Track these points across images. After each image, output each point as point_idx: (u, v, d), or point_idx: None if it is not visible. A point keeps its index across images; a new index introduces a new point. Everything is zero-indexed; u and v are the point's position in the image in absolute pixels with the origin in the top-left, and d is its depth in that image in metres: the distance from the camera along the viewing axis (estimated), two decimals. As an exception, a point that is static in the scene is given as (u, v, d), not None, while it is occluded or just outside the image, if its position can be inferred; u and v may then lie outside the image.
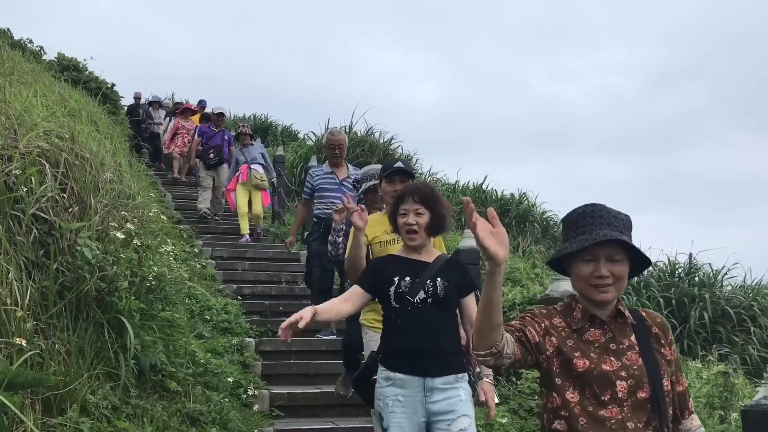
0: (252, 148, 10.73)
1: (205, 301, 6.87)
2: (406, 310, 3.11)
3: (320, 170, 6.92)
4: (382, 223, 3.88)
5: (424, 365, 3.09)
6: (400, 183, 3.87)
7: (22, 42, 13.60)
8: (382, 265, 3.25)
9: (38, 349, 3.25)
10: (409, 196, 3.21)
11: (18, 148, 3.98)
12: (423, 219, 3.20)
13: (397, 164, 3.97)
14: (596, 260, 2.02)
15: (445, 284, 3.14)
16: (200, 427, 4.28)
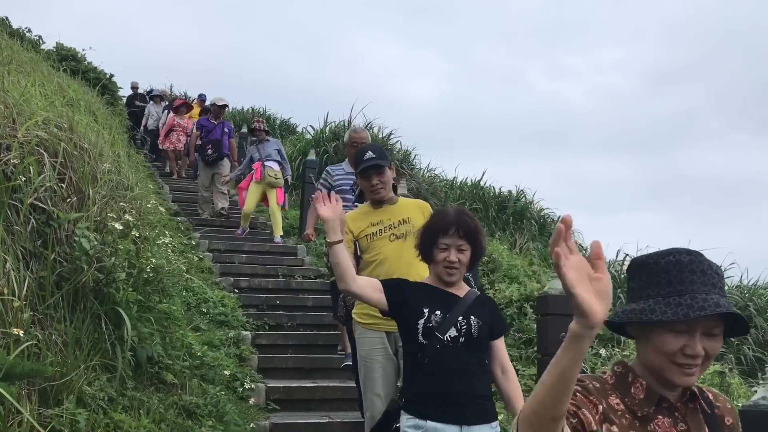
0: (267, 144, 10.28)
1: (202, 294, 6.86)
2: (435, 348, 2.79)
3: (340, 169, 6.25)
4: (366, 215, 3.77)
5: (461, 412, 2.77)
6: (377, 176, 3.71)
7: (21, 31, 13.52)
8: (411, 291, 2.94)
9: (35, 339, 3.23)
10: (453, 230, 2.87)
11: (16, 137, 3.95)
12: (465, 256, 2.89)
13: (367, 155, 3.73)
14: (691, 333, 1.47)
15: (480, 323, 2.85)
16: (196, 420, 4.27)
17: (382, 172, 3.72)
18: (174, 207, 10.79)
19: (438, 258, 2.89)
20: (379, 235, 3.69)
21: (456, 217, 2.91)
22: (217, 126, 11.09)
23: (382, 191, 3.75)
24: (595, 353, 6.26)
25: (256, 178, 10.02)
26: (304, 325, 7.43)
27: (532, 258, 11.23)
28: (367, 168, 3.70)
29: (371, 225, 3.71)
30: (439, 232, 2.88)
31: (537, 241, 13.51)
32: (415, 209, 3.82)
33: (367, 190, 3.77)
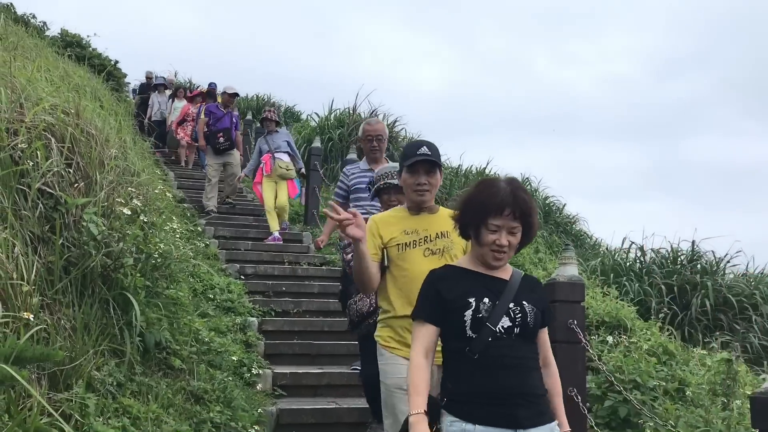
0: (276, 135, 9.79)
1: (209, 280, 6.87)
2: (486, 341, 2.44)
3: (356, 167, 5.80)
4: (400, 221, 3.32)
5: (516, 413, 2.42)
6: (426, 175, 3.28)
7: (26, 17, 13.49)
8: (449, 282, 2.56)
9: (44, 324, 3.23)
10: (509, 210, 2.47)
11: (24, 122, 3.95)
12: (516, 238, 2.53)
13: (422, 150, 3.29)
14: None
15: (534, 310, 2.53)
16: (204, 405, 4.28)
17: (433, 172, 3.30)
18: (180, 194, 10.79)
19: (486, 240, 2.51)
20: (413, 247, 3.25)
21: (512, 195, 2.49)
22: (226, 115, 10.63)
23: (428, 194, 3.30)
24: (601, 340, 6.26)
25: (266, 171, 9.61)
26: (310, 312, 7.44)
27: (537, 245, 11.22)
28: (417, 162, 3.27)
29: (404, 233, 3.28)
30: (490, 212, 2.49)
31: (542, 229, 13.50)
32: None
33: (409, 189, 3.31)
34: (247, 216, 11.07)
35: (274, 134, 9.78)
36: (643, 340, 6.15)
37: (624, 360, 5.29)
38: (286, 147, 9.73)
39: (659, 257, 11.64)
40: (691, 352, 6.51)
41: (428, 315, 2.53)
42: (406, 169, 3.30)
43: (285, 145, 9.72)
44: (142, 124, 14.56)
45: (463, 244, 3.18)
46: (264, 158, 9.67)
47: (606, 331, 6.55)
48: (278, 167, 9.53)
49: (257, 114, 17.34)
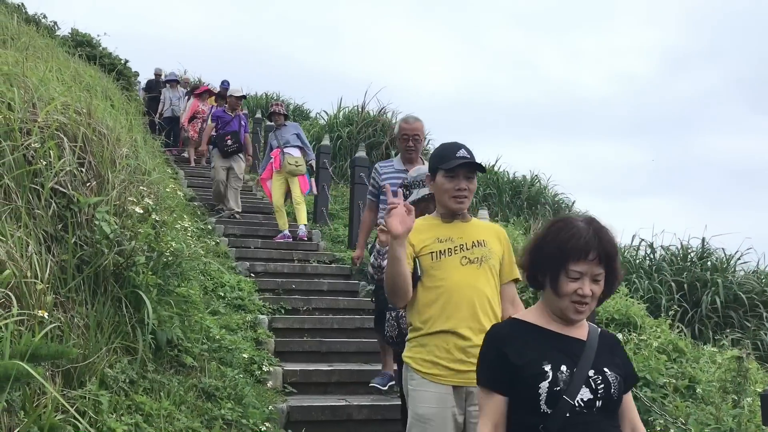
0: (285, 129, 9.60)
1: (219, 278, 6.91)
2: (564, 417, 2.06)
3: (390, 166, 5.44)
4: (432, 228, 3.06)
5: None
6: (465, 180, 3.01)
7: (36, 17, 13.56)
8: (517, 343, 2.17)
9: (58, 322, 3.27)
10: (594, 254, 2.10)
11: (37, 122, 3.98)
12: (599, 287, 2.15)
13: (461, 153, 3.02)
14: None
15: (617, 378, 2.16)
16: (216, 402, 4.31)
17: (473, 177, 3.05)
18: (190, 192, 10.84)
19: (566, 289, 2.12)
20: (448, 255, 2.98)
21: (596, 236, 2.12)
22: (234, 118, 10.45)
23: (466, 201, 3.05)
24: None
25: (276, 167, 9.41)
26: (320, 309, 7.47)
27: (546, 243, 11.20)
28: (458, 167, 2.99)
29: (438, 241, 3.01)
30: (570, 257, 2.10)
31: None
32: (490, 233, 3.12)
33: (446, 195, 3.02)
34: (256, 214, 11.11)
35: (282, 128, 9.64)
36: (653, 337, 6.14)
37: (634, 357, 5.29)
38: (295, 141, 9.55)
39: (669, 254, 11.63)
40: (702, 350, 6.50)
41: (494, 383, 2.15)
42: (444, 173, 3.00)
43: (294, 139, 9.55)
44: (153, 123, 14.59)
45: (500, 254, 3.05)
46: (273, 153, 9.51)
47: (616, 329, 6.54)
48: (287, 163, 9.32)
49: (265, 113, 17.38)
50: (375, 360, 6.41)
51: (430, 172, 3.11)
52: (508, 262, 3.08)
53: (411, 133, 5.27)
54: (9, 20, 8.81)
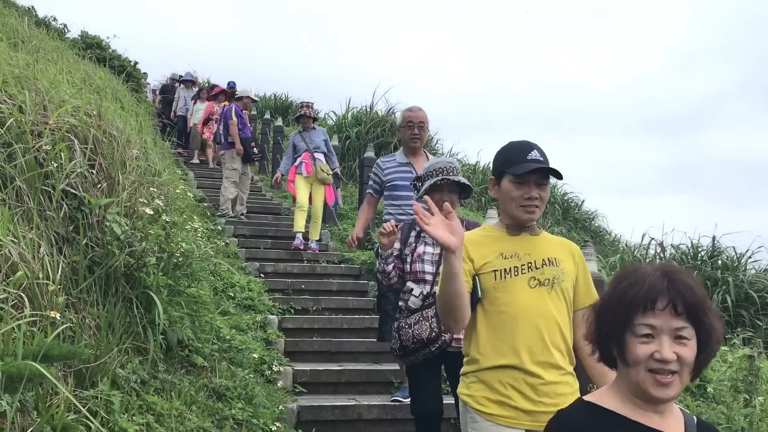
0: (314, 132, 9.12)
1: (229, 278, 6.94)
2: None
3: (392, 160, 5.17)
4: (494, 242, 2.62)
5: None
6: (537, 188, 2.57)
7: (47, 20, 13.64)
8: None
9: (70, 322, 3.29)
10: (664, 301, 1.59)
11: (48, 124, 4.01)
12: (688, 350, 1.59)
13: (533, 155, 2.57)
14: None
15: None
16: (226, 402, 4.33)
17: (545, 183, 2.61)
18: (199, 193, 10.89)
19: (636, 354, 1.60)
20: (514, 275, 2.55)
21: (664, 278, 1.63)
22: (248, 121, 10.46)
23: (537, 211, 2.61)
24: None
25: (307, 172, 8.83)
26: (329, 309, 7.49)
27: (556, 242, 11.18)
28: (529, 173, 2.55)
29: (502, 257, 2.57)
30: (633, 307, 1.61)
31: (561, 225, 13.46)
32: (563, 250, 2.68)
33: (514, 203, 2.58)
34: (266, 215, 11.15)
35: (311, 131, 9.14)
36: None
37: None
38: (323, 147, 9.07)
39: (679, 253, 11.59)
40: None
41: None
42: (511, 178, 2.57)
43: (323, 145, 9.06)
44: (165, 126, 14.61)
45: (574, 275, 2.62)
46: (304, 157, 8.91)
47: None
48: (320, 170, 8.83)
49: (275, 113, 17.43)
50: (385, 360, 6.42)
51: (494, 175, 2.67)
52: (583, 285, 2.63)
53: (416, 120, 5.08)
54: (20, 23, 8.88)
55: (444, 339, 3.72)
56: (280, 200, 12.12)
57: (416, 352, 3.76)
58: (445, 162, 3.92)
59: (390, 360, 6.44)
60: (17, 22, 8.86)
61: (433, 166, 3.87)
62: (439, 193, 3.75)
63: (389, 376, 6.04)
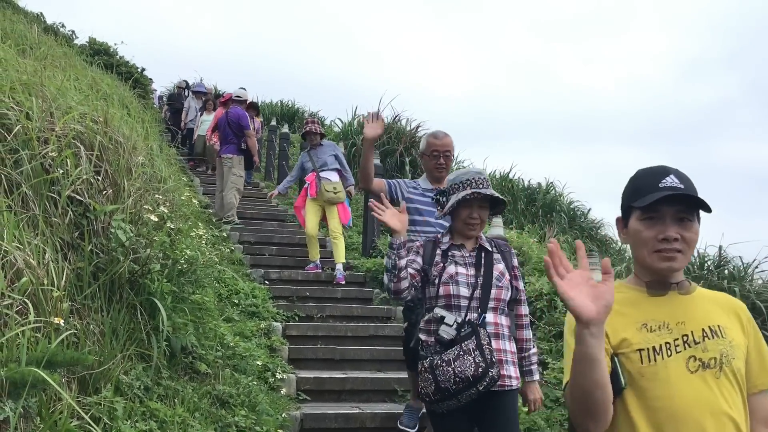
0: (321, 149, 8.47)
1: (234, 285, 6.95)
2: None
3: (415, 185, 4.59)
4: (632, 307, 1.91)
5: None
6: (677, 225, 1.87)
7: (55, 26, 13.76)
8: None
9: (74, 329, 3.30)
10: None
11: (54, 131, 4.03)
12: None
13: (669, 181, 1.88)
14: None
15: None
16: (229, 409, 4.33)
17: (690, 219, 1.89)
18: (205, 200, 10.92)
19: None
20: (666, 354, 1.83)
21: None
22: None
23: (679, 257, 1.88)
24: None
25: (311, 194, 8.26)
26: (334, 317, 7.49)
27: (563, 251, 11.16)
28: (663, 204, 1.86)
29: (646, 329, 1.87)
30: None
31: (567, 234, 13.43)
32: (726, 313, 1.96)
33: (646, 248, 1.91)
34: (271, 221, 11.17)
35: (318, 148, 8.52)
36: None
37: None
38: (333, 163, 8.42)
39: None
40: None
41: None
42: (640, 214, 1.90)
43: (332, 161, 8.43)
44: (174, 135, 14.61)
45: (744, 347, 1.90)
46: (308, 178, 8.36)
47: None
48: (324, 190, 8.14)
49: (281, 120, 17.47)
50: (389, 368, 6.42)
51: (621, 212, 2.01)
52: (757, 359, 1.91)
53: (442, 149, 4.47)
54: (28, 29, 8.94)
55: (492, 375, 3.20)
56: (286, 207, 12.14)
57: (458, 394, 3.20)
58: (473, 173, 3.46)
59: (394, 368, 6.43)
60: (25, 29, 8.92)
61: (460, 178, 3.44)
62: (467, 209, 3.37)
63: (393, 384, 6.03)
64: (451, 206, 3.39)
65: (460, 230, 3.48)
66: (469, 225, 3.42)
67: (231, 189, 10.09)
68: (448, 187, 3.51)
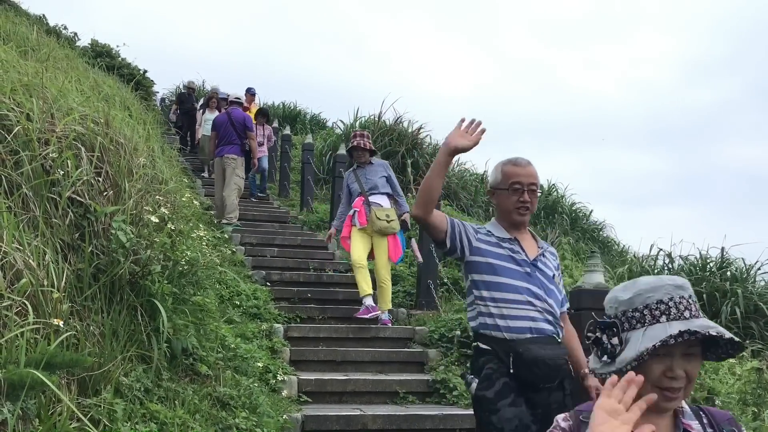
0: (371, 169, 7.09)
1: (235, 287, 6.94)
2: None
3: (485, 231, 3.22)
4: None
5: None
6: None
7: (57, 28, 13.77)
8: None
9: (74, 330, 3.29)
10: None
11: (55, 132, 4.03)
12: None
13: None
14: None
15: None
16: (230, 411, 4.32)
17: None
18: (207, 201, 10.92)
19: None
20: None
21: None
22: None
23: None
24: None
25: (360, 222, 6.90)
26: (335, 318, 7.48)
27: (563, 252, 11.15)
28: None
29: None
30: None
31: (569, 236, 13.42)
32: None
33: None
34: (273, 223, 11.17)
35: (366, 167, 7.12)
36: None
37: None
38: (384, 186, 7.06)
39: (688, 264, 11.51)
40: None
41: None
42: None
43: (383, 183, 7.05)
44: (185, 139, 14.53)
45: None
46: (356, 204, 6.99)
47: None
48: (376, 218, 6.78)
49: (283, 122, 17.47)
50: (390, 369, 6.40)
51: None
52: None
53: (526, 180, 3.11)
54: (30, 31, 8.94)
55: None
56: (287, 208, 12.15)
57: None
58: (668, 285, 1.67)
59: (395, 370, 6.42)
60: (28, 31, 8.92)
61: (651, 298, 1.66)
62: (667, 361, 1.62)
63: (395, 386, 6.01)
64: (637, 358, 1.60)
65: None
66: (667, 393, 1.63)
67: (234, 190, 10.05)
68: (615, 310, 1.72)
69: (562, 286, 3.28)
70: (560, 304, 3.20)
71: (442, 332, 6.84)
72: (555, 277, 3.23)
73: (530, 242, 3.23)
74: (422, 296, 7.77)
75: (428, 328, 7.06)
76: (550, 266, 3.23)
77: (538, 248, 3.23)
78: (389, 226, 6.79)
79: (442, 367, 6.30)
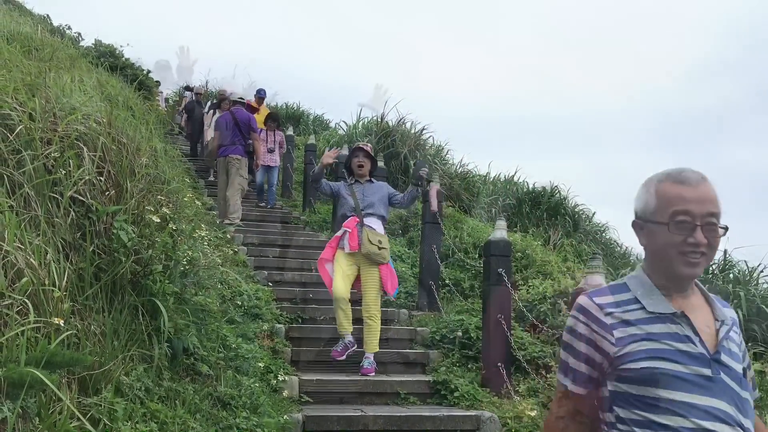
0: (370, 187, 6.32)
1: (237, 287, 6.94)
2: None
3: (627, 294, 1.89)
4: None
5: None
6: None
7: (61, 28, 13.80)
8: None
9: (75, 329, 3.30)
10: None
11: (57, 132, 4.04)
12: None
13: None
14: None
15: None
16: (231, 411, 4.32)
17: None
18: (209, 201, 10.93)
19: None
20: None
21: None
22: None
23: None
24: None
25: (351, 246, 6.02)
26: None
27: (566, 254, 11.14)
28: None
29: None
30: None
31: (571, 237, 13.41)
32: None
33: None
34: (275, 223, 11.18)
35: (365, 185, 6.36)
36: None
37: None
38: (381, 208, 6.27)
39: (691, 266, 11.48)
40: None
41: None
42: None
43: (380, 205, 6.26)
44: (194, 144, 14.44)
45: None
46: (348, 224, 6.16)
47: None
48: (367, 241, 5.98)
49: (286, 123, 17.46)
50: (391, 370, 6.40)
51: None
52: None
53: (699, 210, 1.82)
54: (34, 31, 8.96)
55: None
56: (290, 209, 12.15)
57: None
58: None
59: (397, 371, 6.42)
60: (32, 31, 8.94)
61: None
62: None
63: (396, 387, 6.01)
64: None
65: None
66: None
67: (238, 191, 10.03)
68: None
69: (752, 376, 1.94)
70: None
71: (444, 333, 6.85)
72: (746, 372, 1.88)
73: (703, 312, 1.89)
74: (424, 297, 7.81)
75: (430, 329, 7.08)
76: (737, 352, 1.87)
77: (714, 320, 1.88)
78: (380, 253, 6.01)
79: (444, 369, 6.30)
